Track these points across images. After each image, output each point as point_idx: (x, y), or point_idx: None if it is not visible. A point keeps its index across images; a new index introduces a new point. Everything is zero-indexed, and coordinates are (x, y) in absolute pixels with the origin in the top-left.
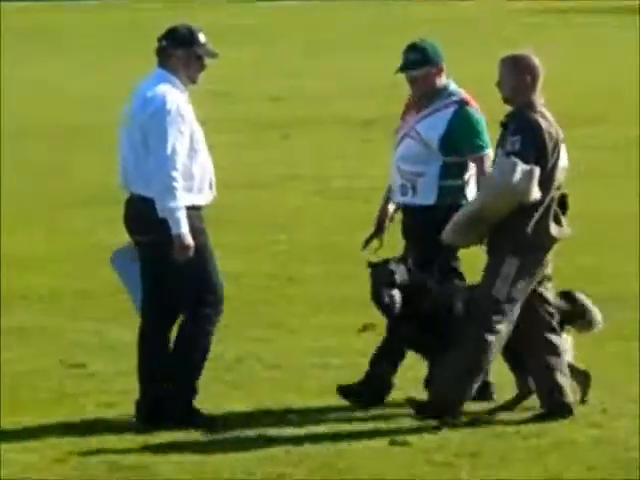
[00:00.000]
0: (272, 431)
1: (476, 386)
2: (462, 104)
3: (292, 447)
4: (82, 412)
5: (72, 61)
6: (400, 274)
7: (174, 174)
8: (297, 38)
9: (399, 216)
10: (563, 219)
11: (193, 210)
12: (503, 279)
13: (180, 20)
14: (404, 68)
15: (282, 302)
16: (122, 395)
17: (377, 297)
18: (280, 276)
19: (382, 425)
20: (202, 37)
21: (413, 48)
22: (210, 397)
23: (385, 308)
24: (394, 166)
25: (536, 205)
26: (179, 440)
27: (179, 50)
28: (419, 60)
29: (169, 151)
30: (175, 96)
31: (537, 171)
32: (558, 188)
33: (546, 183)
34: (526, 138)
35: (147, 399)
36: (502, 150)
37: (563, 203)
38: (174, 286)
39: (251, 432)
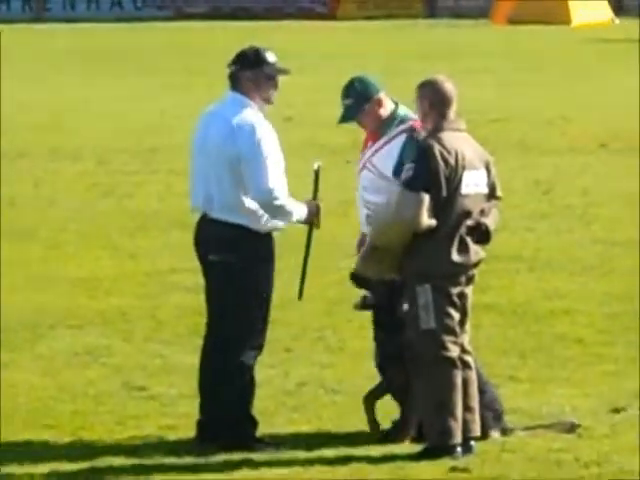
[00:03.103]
0: (333, 455)
1: (460, 414)
2: (411, 132)
3: (353, 472)
4: (143, 435)
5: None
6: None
7: (281, 197)
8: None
9: None
10: (472, 246)
11: (269, 237)
12: (424, 308)
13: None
14: (345, 119)
15: (346, 327)
16: (184, 418)
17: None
18: (345, 301)
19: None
20: (270, 56)
21: (345, 94)
22: (272, 421)
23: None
24: (359, 197)
25: (435, 232)
26: (238, 461)
27: (247, 72)
28: (353, 105)
29: (271, 183)
30: (262, 122)
31: (426, 198)
32: (467, 215)
33: (444, 210)
34: (418, 165)
35: (207, 419)
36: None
37: (482, 232)
38: (235, 309)
39: (313, 455)
